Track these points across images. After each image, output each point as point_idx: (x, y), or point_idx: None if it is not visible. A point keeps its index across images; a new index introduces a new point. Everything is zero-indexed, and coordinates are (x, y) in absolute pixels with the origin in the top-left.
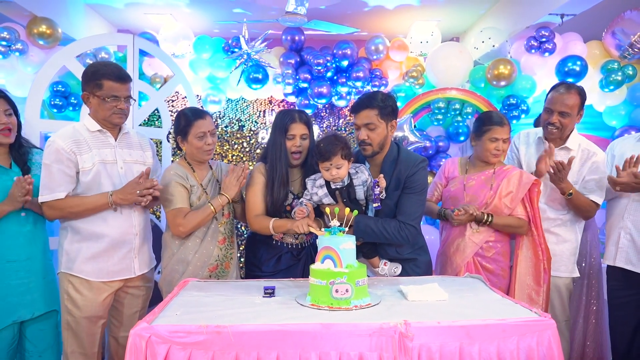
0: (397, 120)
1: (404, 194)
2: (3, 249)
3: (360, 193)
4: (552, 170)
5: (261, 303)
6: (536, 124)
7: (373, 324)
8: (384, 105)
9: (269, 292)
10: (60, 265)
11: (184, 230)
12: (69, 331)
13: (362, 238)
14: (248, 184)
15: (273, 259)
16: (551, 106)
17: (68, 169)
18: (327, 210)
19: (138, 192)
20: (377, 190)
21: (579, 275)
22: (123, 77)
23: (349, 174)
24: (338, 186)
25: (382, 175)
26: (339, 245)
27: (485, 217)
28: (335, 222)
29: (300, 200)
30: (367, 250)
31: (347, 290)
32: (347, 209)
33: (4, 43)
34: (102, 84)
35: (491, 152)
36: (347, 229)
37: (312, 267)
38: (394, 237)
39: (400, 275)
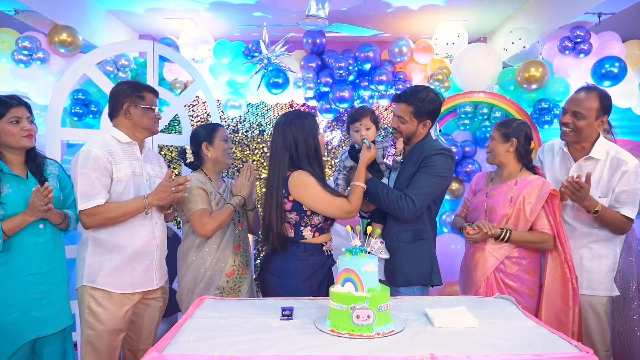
0: (434, 121)
1: (417, 171)
2: (22, 261)
3: (379, 156)
4: (568, 191)
5: (278, 327)
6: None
7: (396, 356)
8: (421, 106)
9: (287, 314)
10: (80, 279)
11: (210, 228)
12: (88, 346)
13: (367, 199)
14: (309, 192)
15: (322, 270)
16: (566, 106)
17: (104, 177)
18: (348, 228)
19: (173, 188)
20: (391, 150)
21: (618, 293)
22: (155, 90)
23: (374, 141)
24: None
25: (401, 139)
26: (360, 268)
27: (503, 233)
28: (356, 242)
29: (336, 176)
30: (376, 215)
31: (368, 316)
32: (370, 228)
33: (25, 52)
34: (144, 95)
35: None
36: (368, 249)
37: (332, 289)
38: (392, 204)
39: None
